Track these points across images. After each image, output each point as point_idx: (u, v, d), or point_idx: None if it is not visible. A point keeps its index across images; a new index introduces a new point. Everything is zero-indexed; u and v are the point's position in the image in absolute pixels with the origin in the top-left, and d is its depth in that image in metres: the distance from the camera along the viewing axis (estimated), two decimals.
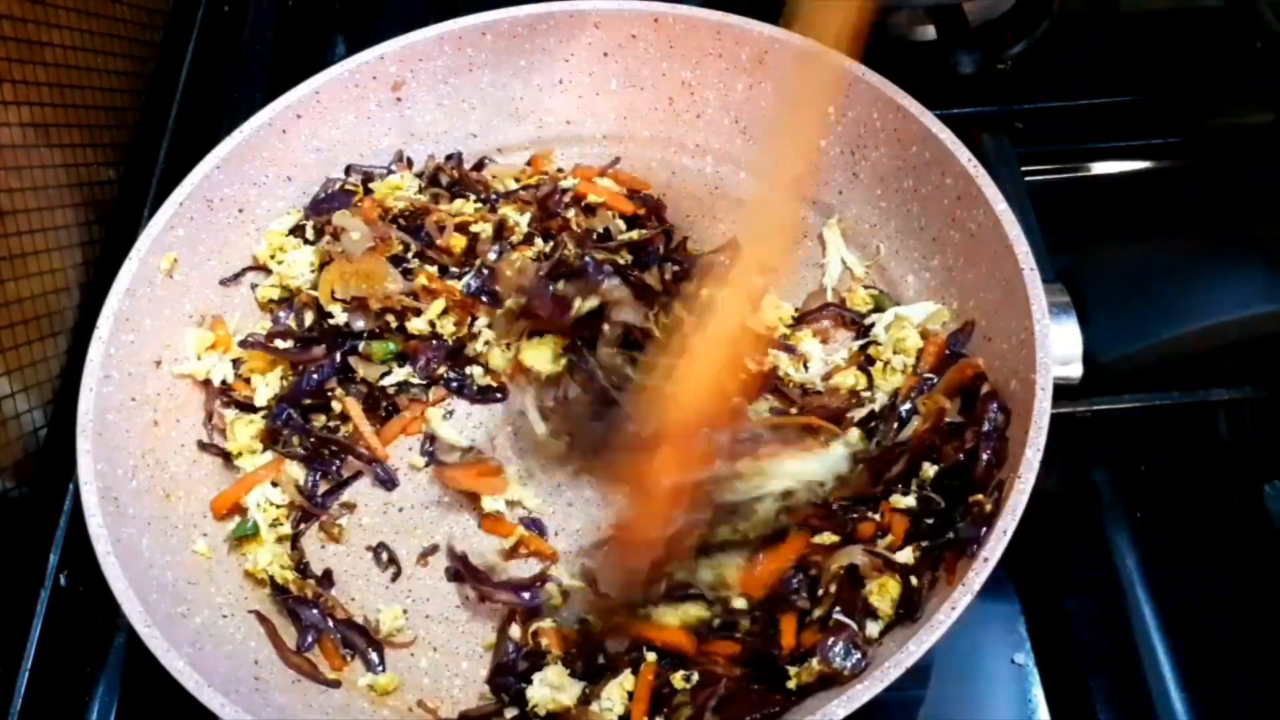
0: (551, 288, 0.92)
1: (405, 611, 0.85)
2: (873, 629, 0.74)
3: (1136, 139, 1.10)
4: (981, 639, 0.83)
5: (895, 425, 0.86)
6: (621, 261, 0.94)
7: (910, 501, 0.81)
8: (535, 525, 0.89)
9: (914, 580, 0.75)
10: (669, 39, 1.04)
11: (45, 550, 0.90)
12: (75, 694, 0.85)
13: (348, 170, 1.05)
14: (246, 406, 0.94)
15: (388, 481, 0.92)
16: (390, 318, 0.95)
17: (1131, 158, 1.10)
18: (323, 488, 0.92)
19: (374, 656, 0.83)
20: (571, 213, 1.01)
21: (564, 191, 1.03)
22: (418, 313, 0.95)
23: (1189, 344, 0.80)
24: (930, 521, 0.79)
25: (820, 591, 0.78)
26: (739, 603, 0.80)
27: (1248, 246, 0.83)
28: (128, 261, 0.90)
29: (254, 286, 0.99)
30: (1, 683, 0.84)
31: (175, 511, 0.86)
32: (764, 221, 0.92)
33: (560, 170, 1.08)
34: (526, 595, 0.84)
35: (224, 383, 0.94)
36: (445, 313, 0.96)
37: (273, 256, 0.99)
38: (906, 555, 0.77)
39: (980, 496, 0.75)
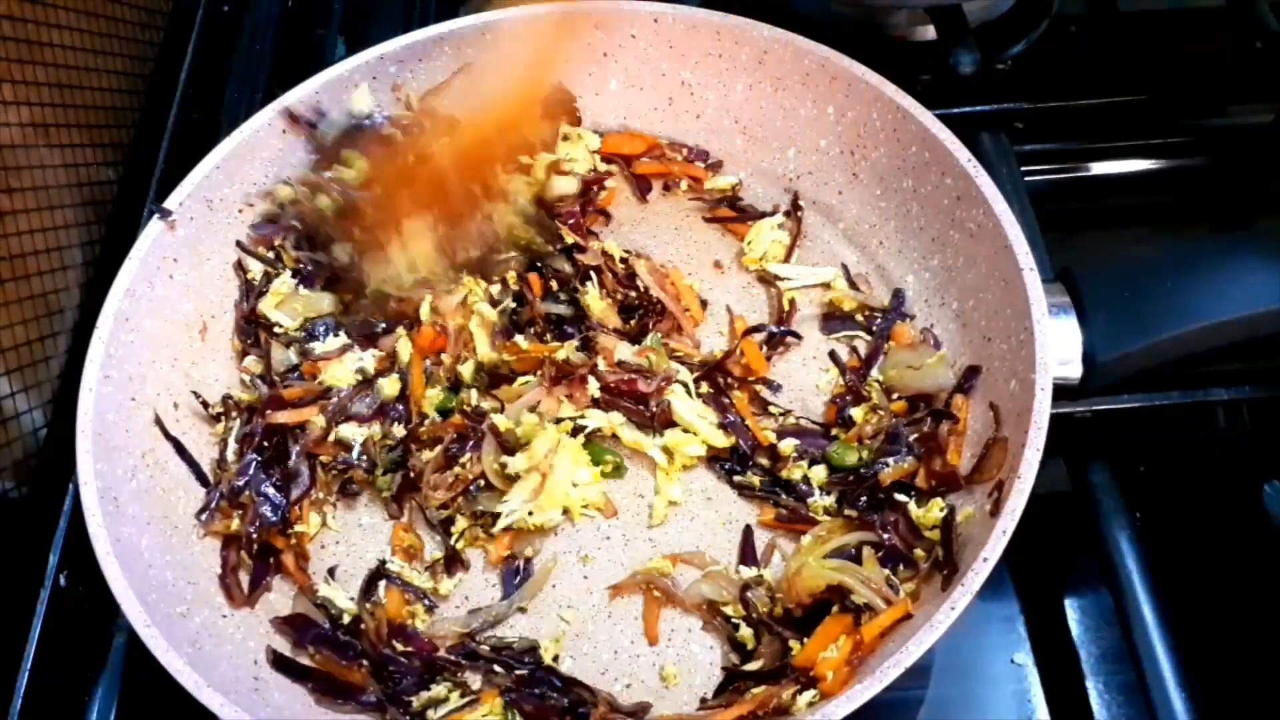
0: None
1: None
2: None
3: (1136, 139, 1.10)
4: (981, 639, 0.83)
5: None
6: None
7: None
8: None
9: None
10: (669, 39, 1.04)
11: (45, 550, 0.90)
12: (75, 694, 0.85)
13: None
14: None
15: None
16: None
17: (1131, 158, 1.10)
18: None
19: None
20: None
21: None
22: None
23: (1189, 344, 0.80)
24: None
25: None
26: None
27: (1248, 246, 0.83)
28: (128, 261, 0.90)
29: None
30: (1, 683, 0.84)
31: (175, 511, 0.86)
32: None
33: None
34: None
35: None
36: None
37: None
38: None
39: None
